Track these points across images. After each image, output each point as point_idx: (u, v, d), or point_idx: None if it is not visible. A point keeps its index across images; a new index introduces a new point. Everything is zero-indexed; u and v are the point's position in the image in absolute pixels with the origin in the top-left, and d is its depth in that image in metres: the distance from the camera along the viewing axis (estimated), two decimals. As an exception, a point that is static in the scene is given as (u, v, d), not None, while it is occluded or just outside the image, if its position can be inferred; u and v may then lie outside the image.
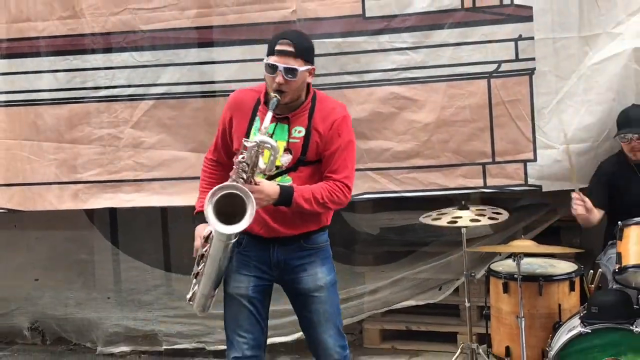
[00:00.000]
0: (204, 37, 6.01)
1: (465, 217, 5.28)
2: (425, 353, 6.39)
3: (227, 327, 4.52)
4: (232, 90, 5.79)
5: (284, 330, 6.07)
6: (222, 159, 4.52)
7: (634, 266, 4.75)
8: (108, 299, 6.89)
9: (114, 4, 6.08)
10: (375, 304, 6.43)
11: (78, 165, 6.25)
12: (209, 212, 3.99)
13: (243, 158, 4.08)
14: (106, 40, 6.13)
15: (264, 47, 5.80)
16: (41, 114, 6.27)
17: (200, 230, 4.39)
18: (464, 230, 5.38)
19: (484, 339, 5.49)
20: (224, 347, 6.23)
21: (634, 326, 4.62)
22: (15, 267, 6.99)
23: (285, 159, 4.27)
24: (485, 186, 5.78)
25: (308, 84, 4.36)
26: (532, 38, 5.58)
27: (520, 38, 5.59)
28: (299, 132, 4.29)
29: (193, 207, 6.18)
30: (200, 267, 4.30)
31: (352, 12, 5.79)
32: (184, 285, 6.45)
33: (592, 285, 5.24)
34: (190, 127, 6.09)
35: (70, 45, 6.18)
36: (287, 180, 4.25)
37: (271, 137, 4.19)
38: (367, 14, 5.78)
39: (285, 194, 4.15)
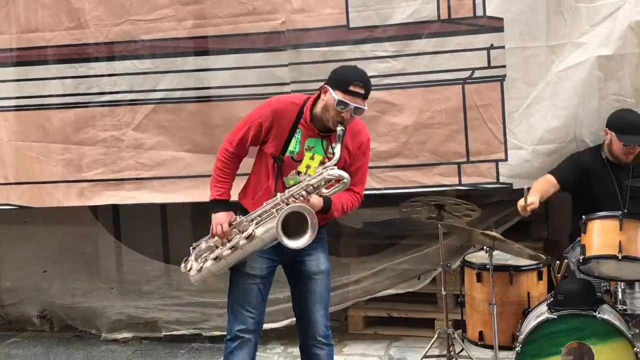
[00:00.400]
0: (200, 46, 5.99)
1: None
2: (405, 338, 6.41)
3: (234, 301, 4.63)
4: (226, 96, 5.90)
5: (274, 317, 6.09)
6: (242, 154, 4.60)
7: (596, 257, 4.78)
8: (111, 289, 6.89)
9: (116, 15, 6.06)
10: (358, 292, 6.44)
11: (83, 165, 6.23)
12: (279, 229, 4.17)
13: (310, 181, 4.29)
14: (109, 49, 6.11)
15: (256, 56, 5.89)
16: (49, 117, 6.24)
17: (221, 219, 4.49)
18: (440, 225, 5.40)
19: (459, 324, 5.51)
20: (219, 332, 6.34)
21: (597, 312, 4.64)
22: (25, 260, 6.98)
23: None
24: (460, 184, 5.78)
25: None
26: (503, 47, 5.58)
27: (492, 47, 5.59)
28: (333, 148, 4.41)
29: (189, 204, 6.24)
30: (226, 254, 4.45)
31: (337, 23, 5.79)
32: (183, 276, 6.49)
33: (559, 275, 5.26)
34: (186, 130, 6.09)
35: (76, 54, 6.16)
36: None
37: (311, 150, 4.45)
38: (351, 25, 5.77)
39: (326, 207, 4.38)
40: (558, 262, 5.32)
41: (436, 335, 5.52)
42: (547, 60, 5.58)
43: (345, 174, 4.25)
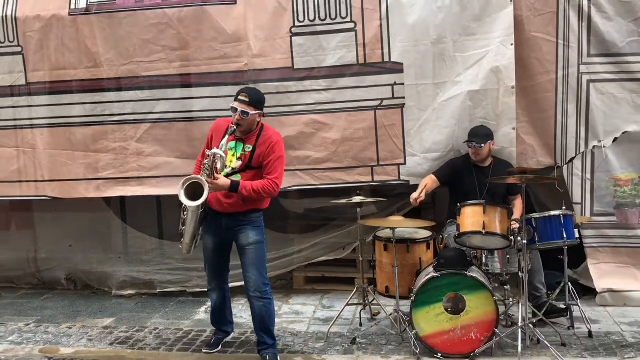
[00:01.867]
0: (185, 81, 5.97)
1: (357, 199, 5.40)
2: (334, 292, 6.43)
3: (205, 267, 4.88)
4: (206, 117, 5.86)
5: (239, 278, 6.12)
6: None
7: (467, 233, 4.90)
8: (119, 258, 6.78)
9: (124, 58, 6.01)
10: (301, 259, 6.47)
11: (99, 167, 6.19)
12: (181, 195, 4.35)
13: (206, 162, 4.42)
14: (118, 82, 6.05)
15: (226, 88, 5.79)
16: (74, 132, 6.17)
17: None
18: (359, 210, 5.47)
19: (372, 281, 5.57)
20: (198, 289, 6.33)
21: (468, 272, 4.79)
22: (56, 237, 6.87)
23: (237, 164, 4.57)
24: (373, 181, 5.86)
25: (259, 121, 4.62)
26: (403, 84, 5.66)
27: (395, 84, 5.67)
28: (248, 148, 4.57)
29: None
30: (182, 227, 4.61)
31: (285, 65, 5.83)
32: (173, 249, 6.51)
33: (442, 245, 5.36)
34: (176, 142, 6.07)
35: (94, 86, 6.08)
36: (238, 177, 4.56)
37: (232, 149, 4.56)
38: (296, 67, 5.81)
39: (234, 186, 4.47)
40: (441, 237, 5.42)
41: (355, 289, 5.56)
42: (434, 93, 5.67)
43: (217, 151, 4.39)
